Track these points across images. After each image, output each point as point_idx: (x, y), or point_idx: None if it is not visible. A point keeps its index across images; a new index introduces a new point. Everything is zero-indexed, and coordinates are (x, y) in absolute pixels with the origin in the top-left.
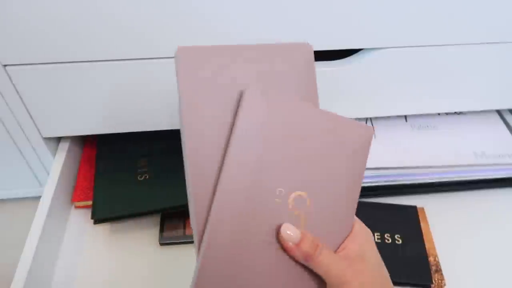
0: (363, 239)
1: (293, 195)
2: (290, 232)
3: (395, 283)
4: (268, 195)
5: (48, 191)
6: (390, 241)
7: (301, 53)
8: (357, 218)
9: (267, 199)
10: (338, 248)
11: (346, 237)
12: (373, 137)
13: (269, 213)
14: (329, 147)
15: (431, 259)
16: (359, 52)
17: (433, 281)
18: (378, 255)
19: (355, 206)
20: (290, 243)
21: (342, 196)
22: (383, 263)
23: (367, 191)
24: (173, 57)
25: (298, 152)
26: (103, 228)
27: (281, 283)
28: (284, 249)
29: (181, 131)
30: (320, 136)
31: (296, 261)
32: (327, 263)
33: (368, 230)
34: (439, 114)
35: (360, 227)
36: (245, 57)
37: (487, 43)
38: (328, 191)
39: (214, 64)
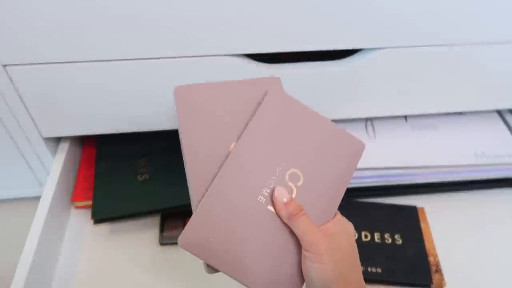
0: (342, 227)
1: (290, 170)
2: (282, 193)
3: (395, 283)
4: (272, 165)
5: (48, 191)
6: (390, 241)
7: (271, 84)
8: (339, 213)
9: (271, 167)
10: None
11: (327, 222)
12: (372, 139)
13: (270, 178)
14: (327, 146)
15: (431, 259)
16: (359, 52)
17: (433, 281)
18: (354, 246)
19: (339, 201)
20: (280, 201)
21: (329, 188)
22: (357, 255)
23: (367, 191)
24: (173, 58)
25: (302, 141)
26: (103, 228)
27: (266, 236)
28: (275, 208)
29: (182, 151)
30: (322, 135)
31: (282, 223)
32: (305, 225)
33: (350, 223)
34: (439, 114)
35: (341, 218)
36: (231, 92)
37: (487, 43)
38: (318, 179)
39: (207, 100)
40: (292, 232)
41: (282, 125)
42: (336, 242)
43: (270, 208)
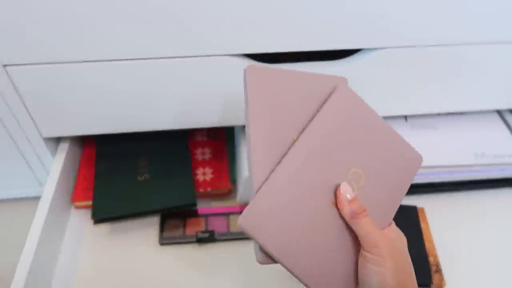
0: (398, 235)
1: (353, 169)
2: (347, 189)
3: None
4: (336, 160)
5: (48, 191)
6: None
7: (339, 82)
8: (394, 223)
9: (335, 162)
10: None
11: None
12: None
13: (333, 172)
14: (389, 153)
15: (431, 259)
16: (359, 52)
17: (433, 281)
18: (408, 255)
19: (395, 210)
20: (344, 198)
21: (388, 193)
22: (411, 264)
23: None
24: (173, 57)
25: (366, 143)
26: (103, 228)
27: (323, 230)
28: (337, 202)
29: (246, 133)
30: (385, 141)
31: (342, 219)
32: (368, 226)
33: (403, 234)
34: (439, 114)
35: (396, 227)
36: (299, 81)
37: (487, 43)
38: (379, 183)
39: (277, 84)
40: (350, 231)
41: (348, 123)
42: (395, 248)
43: (330, 203)
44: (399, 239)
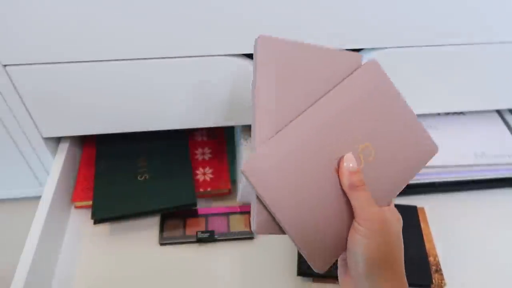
0: (395, 217)
1: (365, 144)
2: (350, 159)
3: None
4: (349, 132)
5: (48, 191)
6: None
7: (354, 62)
8: (393, 204)
9: (347, 133)
10: None
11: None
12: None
13: (344, 142)
14: (405, 136)
15: (431, 259)
16: (359, 52)
17: (433, 281)
18: (401, 238)
19: (397, 192)
20: (346, 168)
21: (394, 175)
22: (402, 249)
23: None
24: (173, 58)
25: (384, 122)
26: (103, 228)
27: (323, 195)
28: (339, 172)
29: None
30: (403, 124)
31: (340, 189)
32: (364, 200)
33: (401, 218)
34: (439, 114)
35: (395, 209)
36: (313, 55)
37: (487, 43)
38: (388, 163)
39: (289, 55)
40: (347, 200)
41: (369, 99)
42: (388, 227)
43: (334, 170)
44: (396, 221)
